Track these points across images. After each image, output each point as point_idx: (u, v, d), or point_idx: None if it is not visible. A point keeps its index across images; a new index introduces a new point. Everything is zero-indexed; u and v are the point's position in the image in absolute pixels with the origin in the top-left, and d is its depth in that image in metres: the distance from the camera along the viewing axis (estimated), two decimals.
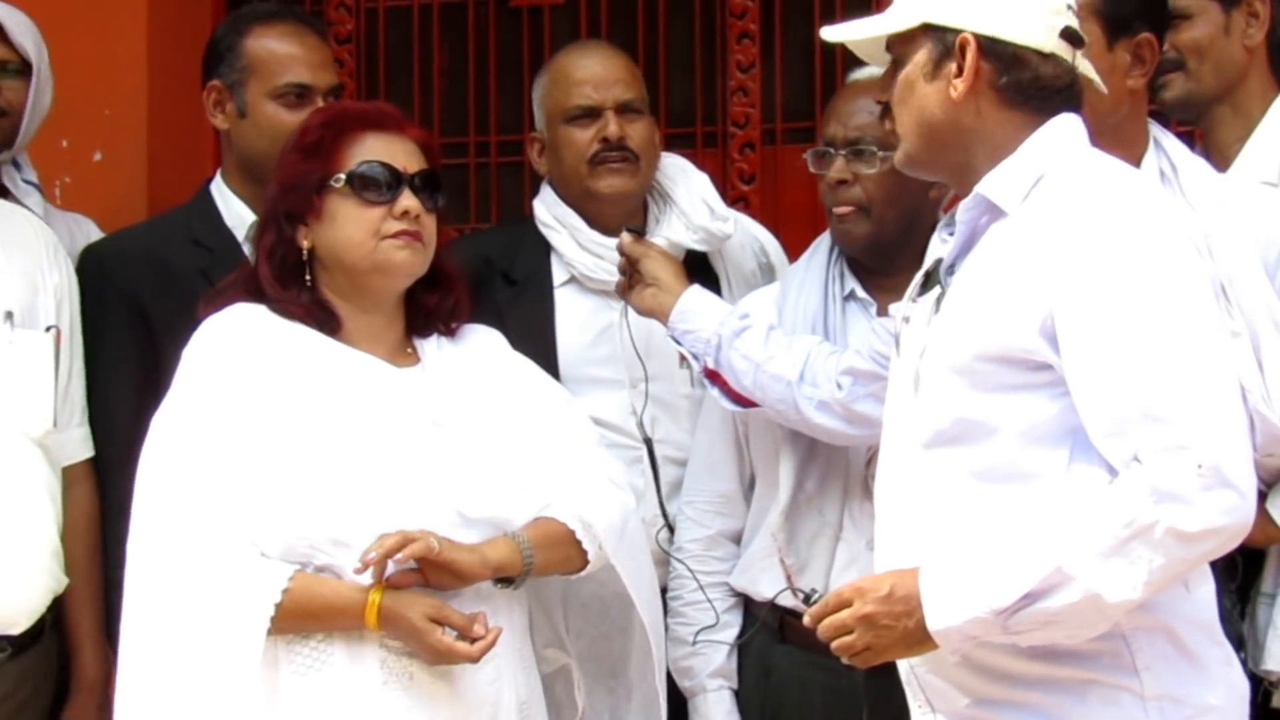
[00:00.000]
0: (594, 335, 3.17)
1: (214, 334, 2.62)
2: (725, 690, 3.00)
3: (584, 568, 2.68)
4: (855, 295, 2.96)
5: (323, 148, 2.65)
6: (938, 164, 2.37)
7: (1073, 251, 2.16)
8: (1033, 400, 2.19)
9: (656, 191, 3.24)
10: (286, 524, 2.48)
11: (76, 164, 3.77)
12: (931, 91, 2.31)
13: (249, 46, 3.16)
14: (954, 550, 2.19)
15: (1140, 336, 2.11)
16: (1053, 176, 2.25)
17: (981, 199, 2.29)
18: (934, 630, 2.17)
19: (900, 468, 2.33)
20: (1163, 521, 2.06)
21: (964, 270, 2.31)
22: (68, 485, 2.96)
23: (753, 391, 2.83)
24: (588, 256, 3.16)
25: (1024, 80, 2.28)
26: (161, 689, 2.46)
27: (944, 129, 2.31)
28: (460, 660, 2.48)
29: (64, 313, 2.98)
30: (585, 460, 2.74)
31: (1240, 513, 2.08)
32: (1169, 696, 2.19)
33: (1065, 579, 2.09)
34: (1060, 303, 2.15)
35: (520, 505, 2.62)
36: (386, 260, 2.62)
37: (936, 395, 2.26)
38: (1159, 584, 2.10)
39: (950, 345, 2.25)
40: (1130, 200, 2.21)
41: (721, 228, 3.17)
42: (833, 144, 2.92)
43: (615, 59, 3.24)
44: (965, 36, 2.27)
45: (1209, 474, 2.05)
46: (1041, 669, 2.21)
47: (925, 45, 2.31)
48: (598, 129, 3.14)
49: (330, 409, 2.55)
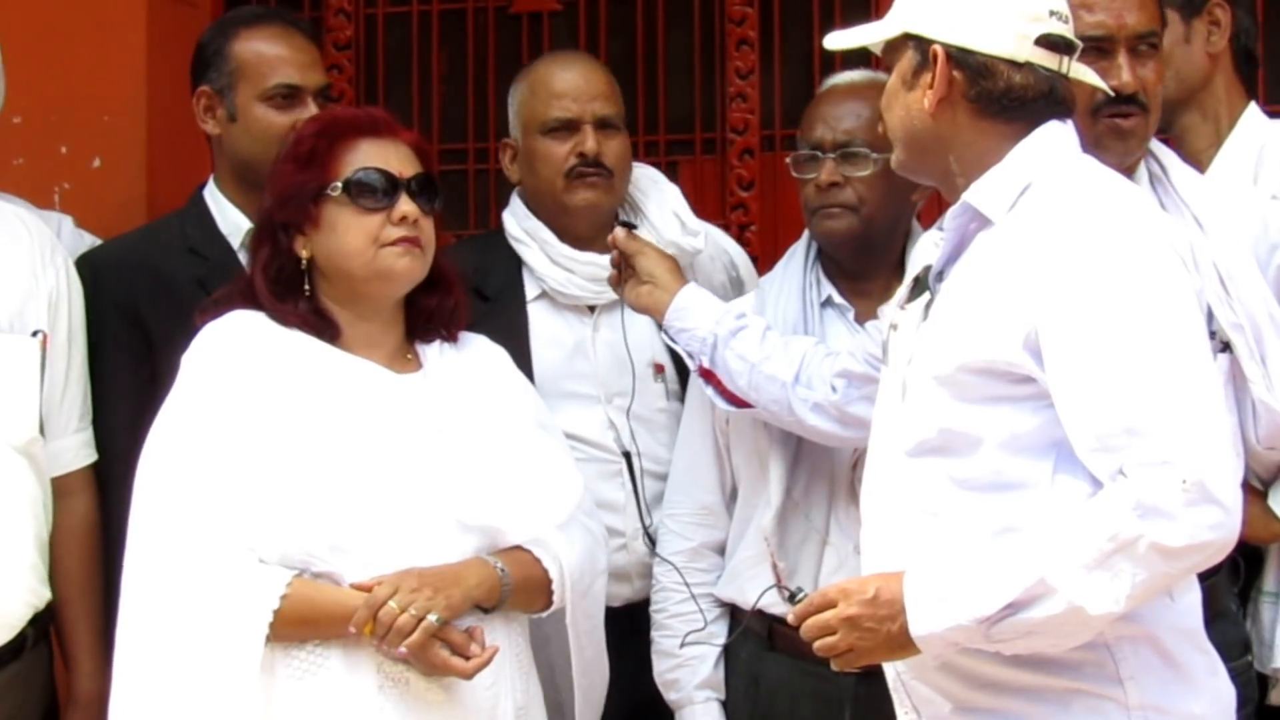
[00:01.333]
0: (568, 350, 3.15)
1: (213, 341, 2.62)
2: (713, 702, 2.99)
3: (541, 612, 2.70)
4: (833, 301, 2.96)
5: (317, 157, 2.64)
6: (924, 170, 2.40)
7: (1057, 265, 2.16)
8: (1015, 412, 2.19)
9: (628, 204, 3.22)
10: (284, 530, 2.48)
11: (75, 170, 3.77)
12: (909, 101, 2.34)
13: (236, 50, 3.15)
14: (939, 557, 2.20)
15: (1124, 351, 2.10)
16: (1040, 186, 2.25)
17: (968, 207, 2.29)
18: (916, 636, 2.17)
19: (886, 474, 2.34)
20: (1146, 536, 2.06)
21: (951, 278, 2.31)
22: (61, 495, 2.92)
23: (747, 392, 2.84)
24: (559, 271, 3.14)
25: (995, 90, 2.29)
26: (158, 697, 2.46)
27: (923, 137, 2.34)
28: (454, 675, 2.49)
29: (59, 317, 2.93)
30: (573, 498, 2.73)
31: (1225, 528, 2.08)
32: (1153, 706, 2.20)
33: (1048, 590, 2.09)
34: (1044, 317, 2.15)
35: (517, 514, 2.62)
36: (387, 268, 2.62)
37: (922, 404, 2.27)
38: (1141, 597, 2.10)
39: (935, 355, 2.26)
40: (1116, 212, 2.20)
41: (692, 243, 3.15)
42: (820, 147, 2.92)
43: (595, 73, 3.21)
44: (935, 48, 2.29)
45: (1193, 489, 2.05)
46: (1026, 678, 2.21)
47: (907, 54, 2.34)
48: (575, 143, 3.12)
49: (329, 415, 2.55)
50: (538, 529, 2.64)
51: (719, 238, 3.35)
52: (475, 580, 2.55)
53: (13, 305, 2.86)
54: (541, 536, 2.65)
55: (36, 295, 2.90)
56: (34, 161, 3.76)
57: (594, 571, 2.76)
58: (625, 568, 3.08)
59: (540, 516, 2.65)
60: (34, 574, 2.85)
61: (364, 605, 2.44)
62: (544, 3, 4.27)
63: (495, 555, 2.60)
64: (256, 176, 2.97)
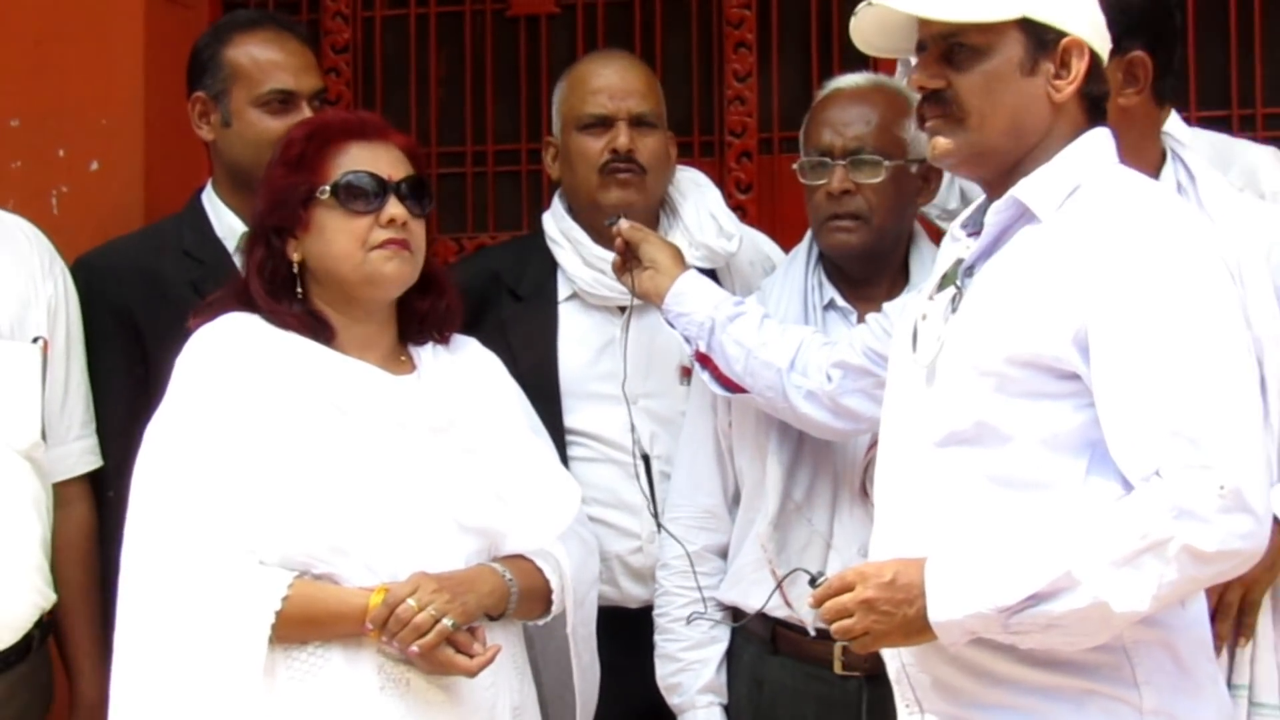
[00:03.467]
0: (595, 351, 3.17)
1: (208, 343, 2.61)
2: (716, 706, 2.99)
3: (538, 620, 2.71)
4: (835, 304, 2.96)
5: (306, 160, 2.64)
6: (999, 160, 2.31)
7: (1112, 265, 2.16)
8: (1056, 409, 2.19)
9: (667, 205, 3.24)
10: (284, 532, 2.48)
11: (73, 174, 3.76)
12: (1029, 88, 2.28)
13: (230, 55, 3.16)
14: (962, 546, 2.19)
15: (1173, 354, 2.11)
16: (1089, 187, 2.25)
17: (1016, 202, 2.28)
18: (935, 621, 2.17)
19: (908, 465, 2.33)
20: (1179, 538, 2.06)
21: (989, 272, 2.30)
22: (62, 501, 2.94)
23: (743, 377, 2.84)
24: (590, 272, 3.15)
25: (1100, 92, 2.30)
26: (159, 700, 2.45)
27: (1030, 127, 2.29)
28: (458, 674, 2.49)
29: (58, 324, 2.96)
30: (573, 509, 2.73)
31: (1256, 538, 2.09)
32: (1166, 712, 2.20)
33: (1073, 583, 2.09)
34: (1095, 314, 2.15)
35: (518, 523, 2.63)
36: (376, 272, 2.62)
37: (956, 394, 2.26)
38: (1166, 599, 2.10)
39: (977, 346, 2.25)
40: (1170, 220, 2.21)
41: (725, 246, 3.16)
42: (829, 153, 2.90)
43: (634, 70, 3.22)
44: (1077, 40, 2.26)
45: (1230, 496, 2.06)
46: (1039, 675, 2.21)
47: (1017, 39, 2.27)
48: (609, 139, 3.13)
49: (326, 417, 2.55)
50: (539, 539, 2.66)
51: (761, 242, 3.36)
52: (488, 589, 2.56)
53: (13, 312, 2.88)
54: (544, 546, 2.66)
55: (36, 303, 2.92)
56: (31, 164, 3.75)
57: (589, 580, 2.79)
58: (641, 569, 3.10)
59: (542, 527, 2.66)
60: (40, 576, 2.88)
61: (382, 603, 2.45)
62: (541, 6, 4.27)
63: (501, 564, 2.61)
64: (251, 181, 2.98)
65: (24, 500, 2.85)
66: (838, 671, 2.85)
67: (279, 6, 4.31)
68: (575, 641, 2.74)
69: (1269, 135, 3.92)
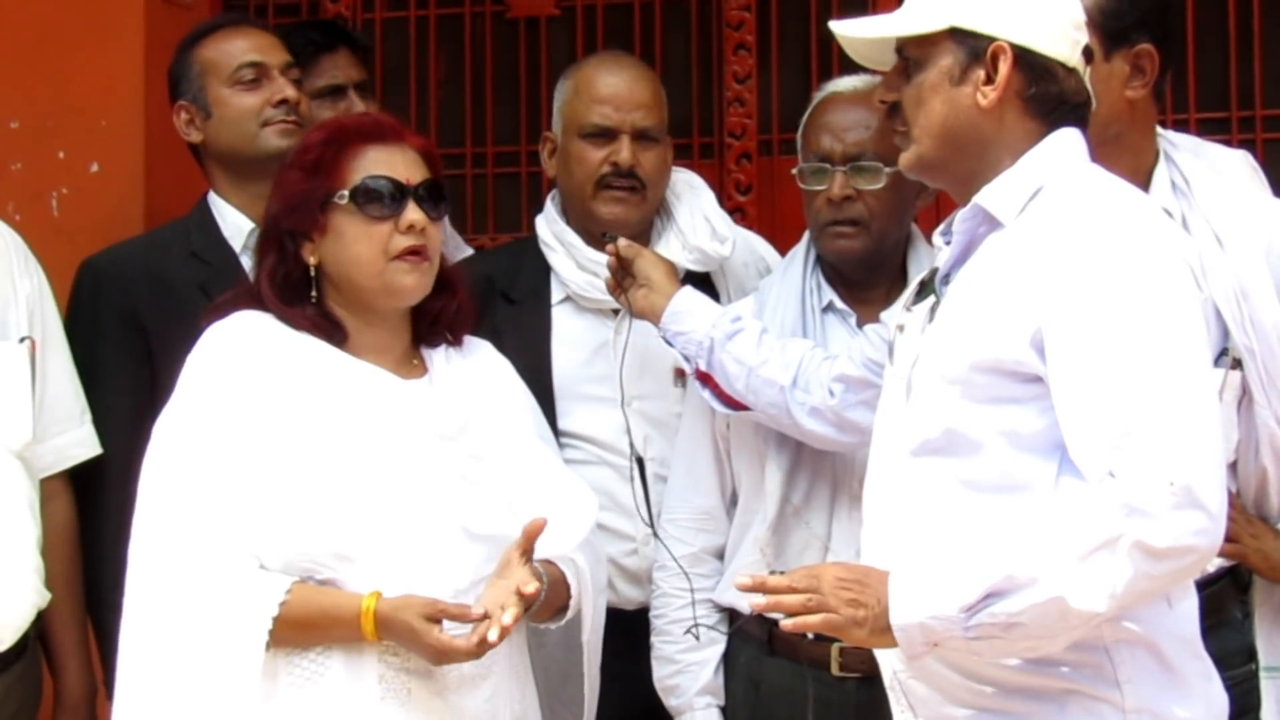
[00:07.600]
0: (589, 353, 3.15)
1: (219, 341, 2.60)
2: (713, 708, 2.99)
3: (549, 624, 2.69)
4: (834, 306, 2.96)
5: (324, 164, 2.62)
6: (948, 170, 2.34)
7: (1065, 265, 2.16)
8: (1022, 412, 2.19)
9: (661, 207, 3.22)
10: (288, 537, 2.48)
11: (73, 175, 3.77)
12: (957, 97, 2.29)
13: (198, 54, 3.22)
14: (931, 553, 2.20)
15: (1124, 354, 2.11)
16: (1050, 189, 2.25)
17: (979, 209, 2.29)
18: (895, 624, 2.16)
19: (888, 475, 2.34)
20: (1129, 534, 2.06)
21: (960, 280, 2.31)
22: (46, 498, 2.94)
23: (745, 395, 2.84)
24: (583, 275, 3.14)
25: (1050, 93, 2.28)
26: (160, 701, 2.45)
27: (965, 135, 2.30)
28: (461, 658, 2.46)
29: (37, 322, 2.95)
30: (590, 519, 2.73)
31: (1209, 535, 2.09)
32: (1149, 710, 2.20)
33: (1031, 580, 2.09)
34: (1049, 315, 2.15)
35: (523, 523, 2.60)
36: (395, 283, 2.61)
37: (928, 404, 2.26)
38: (1125, 599, 2.10)
39: (945, 355, 2.25)
40: (1126, 219, 2.21)
41: (718, 249, 3.14)
42: (829, 159, 2.89)
43: (641, 81, 3.17)
44: (1001, 45, 2.26)
45: (1180, 493, 2.06)
46: (1024, 678, 2.21)
47: (950, 49, 2.29)
48: (610, 151, 3.10)
49: (335, 421, 2.54)
50: (560, 547, 2.64)
51: (756, 244, 3.34)
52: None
53: None
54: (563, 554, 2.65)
55: (16, 302, 2.92)
56: (31, 166, 3.76)
57: (599, 587, 2.77)
58: (636, 571, 3.10)
59: (562, 535, 2.63)
60: (37, 575, 2.89)
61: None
62: (541, 8, 4.28)
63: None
64: (244, 167, 3.01)
65: (19, 501, 2.85)
66: (835, 673, 2.85)
67: (279, 9, 4.32)
68: (588, 651, 2.72)
69: (1269, 136, 3.94)
